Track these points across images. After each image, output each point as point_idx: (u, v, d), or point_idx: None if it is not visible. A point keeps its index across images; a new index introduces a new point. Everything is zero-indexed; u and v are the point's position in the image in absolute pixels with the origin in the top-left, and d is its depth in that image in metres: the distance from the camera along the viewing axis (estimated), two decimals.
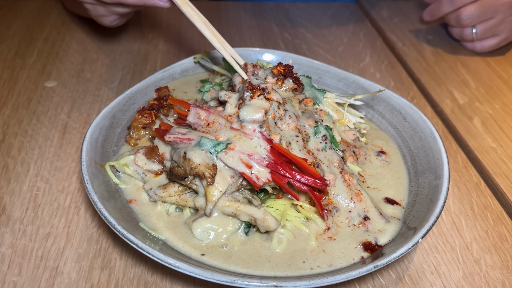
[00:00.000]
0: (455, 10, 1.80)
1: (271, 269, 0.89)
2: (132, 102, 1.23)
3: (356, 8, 2.27)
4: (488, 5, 1.73)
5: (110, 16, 1.43)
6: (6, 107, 1.41)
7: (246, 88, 1.01)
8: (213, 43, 1.15)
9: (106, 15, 1.43)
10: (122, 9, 1.36)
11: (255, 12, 2.16)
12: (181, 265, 0.80)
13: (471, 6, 1.76)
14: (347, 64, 1.79)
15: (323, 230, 0.97)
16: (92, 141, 1.05)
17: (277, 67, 1.11)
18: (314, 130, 1.05)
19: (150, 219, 0.98)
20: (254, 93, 1.00)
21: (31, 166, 1.20)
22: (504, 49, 1.92)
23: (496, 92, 1.66)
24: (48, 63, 1.65)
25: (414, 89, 1.66)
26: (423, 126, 1.19)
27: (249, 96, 0.99)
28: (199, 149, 0.94)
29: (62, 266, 0.95)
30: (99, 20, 1.48)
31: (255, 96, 0.99)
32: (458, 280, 0.99)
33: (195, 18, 1.13)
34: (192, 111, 1.03)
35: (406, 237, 0.91)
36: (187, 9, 1.12)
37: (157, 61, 1.71)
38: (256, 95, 1.00)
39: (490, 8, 1.73)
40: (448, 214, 1.15)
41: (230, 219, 0.95)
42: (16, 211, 1.07)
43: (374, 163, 1.17)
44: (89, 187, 0.92)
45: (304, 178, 0.93)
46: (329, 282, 0.80)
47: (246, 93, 1.00)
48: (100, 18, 1.45)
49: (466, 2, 1.77)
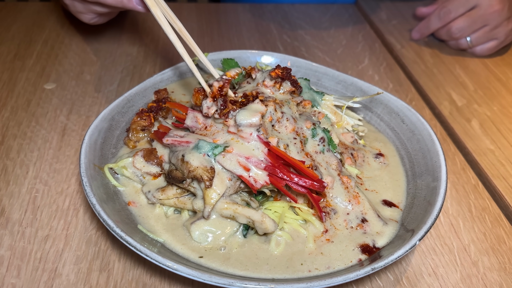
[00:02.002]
0: (445, 25, 1.83)
1: (269, 271, 0.89)
2: (131, 105, 1.23)
3: (354, 10, 2.28)
4: (477, 16, 1.74)
5: (88, 14, 1.41)
6: (5, 109, 1.41)
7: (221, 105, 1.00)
8: (177, 48, 1.09)
9: (84, 12, 1.41)
10: (100, 9, 1.34)
11: (254, 14, 2.16)
12: (179, 267, 0.80)
13: (459, 19, 1.79)
14: (345, 66, 1.79)
15: (321, 232, 0.97)
16: (91, 143, 1.05)
17: (275, 70, 1.11)
18: (312, 133, 1.05)
19: (149, 221, 0.98)
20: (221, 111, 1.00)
21: (30, 168, 1.20)
22: (502, 51, 1.93)
23: (494, 94, 1.66)
24: (47, 65, 1.65)
25: (413, 91, 1.67)
26: (421, 128, 1.19)
27: (217, 114, 0.99)
28: (197, 152, 0.94)
29: (60, 268, 0.96)
30: (77, 16, 1.46)
31: (221, 116, 0.99)
32: (456, 282, 0.99)
33: (162, 21, 1.07)
34: (190, 115, 1.04)
35: (404, 239, 0.92)
36: (156, 10, 1.07)
37: (156, 64, 1.71)
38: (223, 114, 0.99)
39: (479, 18, 1.75)
40: (446, 216, 1.16)
41: (228, 221, 0.95)
42: (15, 213, 1.07)
43: (372, 165, 1.18)
44: (88, 189, 0.93)
45: (302, 180, 0.93)
46: (327, 285, 0.81)
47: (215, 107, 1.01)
48: (78, 14, 1.44)
49: (454, 17, 1.79)
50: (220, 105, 1.00)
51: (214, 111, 1.00)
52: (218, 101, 1.01)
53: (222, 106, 0.99)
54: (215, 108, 1.00)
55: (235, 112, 0.98)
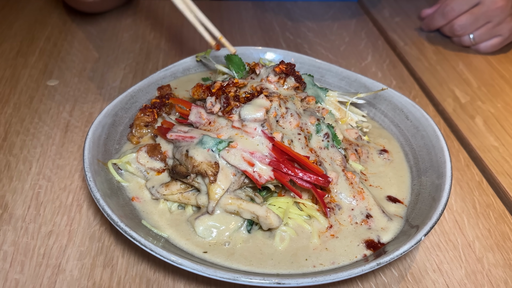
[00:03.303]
0: (448, 22, 1.83)
1: (273, 266, 0.89)
2: (134, 101, 1.23)
3: (357, 7, 2.27)
4: (480, 13, 1.74)
5: None
6: (8, 106, 1.41)
7: (223, 102, 1.00)
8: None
9: None
10: None
11: (257, 11, 2.16)
12: (183, 262, 0.80)
13: (462, 17, 1.79)
14: (348, 63, 1.79)
15: (325, 228, 0.97)
16: (95, 139, 1.05)
17: (279, 65, 1.11)
18: (316, 128, 1.05)
19: (153, 216, 0.98)
20: (225, 109, 0.99)
21: (33, 165, 1.20)
22: (506, 48, 1.92)
23: (498, 91, 1.65)
24: (50, 62, 1.65)
25: (416, 88, 1.66)
26: (425, 124, 1.18)
27: (221, 112, 0.99)
28: (201, 147, 0.94)
29: (64, 264, 0.95)
30: None
31: (225, 113, 0.99)
32: (461, 278, 0.99)
33: None
34: (194, 110, 1.03)
35: (408, 235, 0.91)
36: None
37: (159, 60, 1.71)
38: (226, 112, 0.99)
39: (482, 15, 1.74)
40: (450, 212, 1.15)
41: (233, 216, 0.95)
42: (18, 209, 1.07)
43: (376, 161, 1.17)
44: (92, 184, 0.92)
45: (306, 176, 0.93)
46: (331, 280, 0.80)
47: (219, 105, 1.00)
48: None
49: (457, 14, 1.79)
50: (223, 102, 0.99)
51: (218, 109, 1.00)
52: (221, 99, 1.00)
53: (225, 103, 0.99)
54: (219, 106, 1.00)
55: (239, 108, 0.98)
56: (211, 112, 1.01)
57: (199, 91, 1.10)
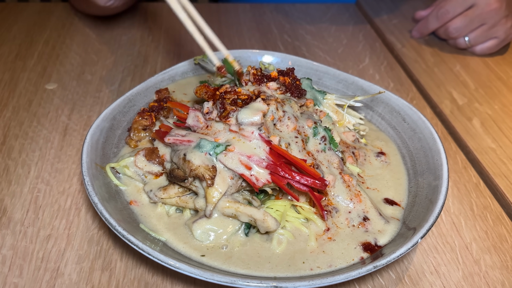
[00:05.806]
0: (443, 25, 1.83)
1: (271, 269, 0.89)
2: (132, 104, 1.23)
3: (355, 9, 2.28)
4: (474, 15, 1.74)
5: None
6: (7, 109, 1.41)
7: (220, 107, 1.01)
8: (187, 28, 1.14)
9: None
10: None
11: (255, 14, 2.17)
12: (181, 266, 0.80)
13: (457, 19, 1.79)
14: (346, 65, 1.80)
15: (322, 230, 0.97)
16: (93, 143, 1.05)
17: (284, 77, 1.11)
18: (313, 131, 1.05)
19: (151, 220, 0.98)
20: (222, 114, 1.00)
21: (32, 168, 1.20)
22: (503, 50, 1.93)
23: (495, 93, 1.66)
24: (48, 65, 1.65)
25: (414, 90, 1.67)
26: (422, 127, 1.19)
27: (218, 117, 1.00)
28: (198, 151, 0.94)
29: (63, 267, 0.96)
30: None
31: (221, 118, 0.99)
32: (458, 280, 0.99)
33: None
34: (191, 114, 1.04)
35: (405, 238, 0.92)
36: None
37: (157, 63, 1.71)
38: (223, 116, 0.99)
39: (477, 17, 1.75)
40: (447, 214, 1.16)
41: (230, 220, 0.95)
42: (17, 213, 1.07)
43: (373, 164, 1.18)
44: (90, 189, 0.93)
45: (303, 179, 0.93)
46: (328, 283, 0.81)
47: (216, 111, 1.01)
48: None
49: (451, 16, 1.79)
50: (219, 108, 1.00)
51: (215, 116, 1.00)
52: (217, 104, 1.01)
53: (221, 108, 0.99)
54: (216, 112, 1.00)
55: (236, 112, 0.98)
56: (209, 118, 1.01)
57: (202, 91, 1.10)
